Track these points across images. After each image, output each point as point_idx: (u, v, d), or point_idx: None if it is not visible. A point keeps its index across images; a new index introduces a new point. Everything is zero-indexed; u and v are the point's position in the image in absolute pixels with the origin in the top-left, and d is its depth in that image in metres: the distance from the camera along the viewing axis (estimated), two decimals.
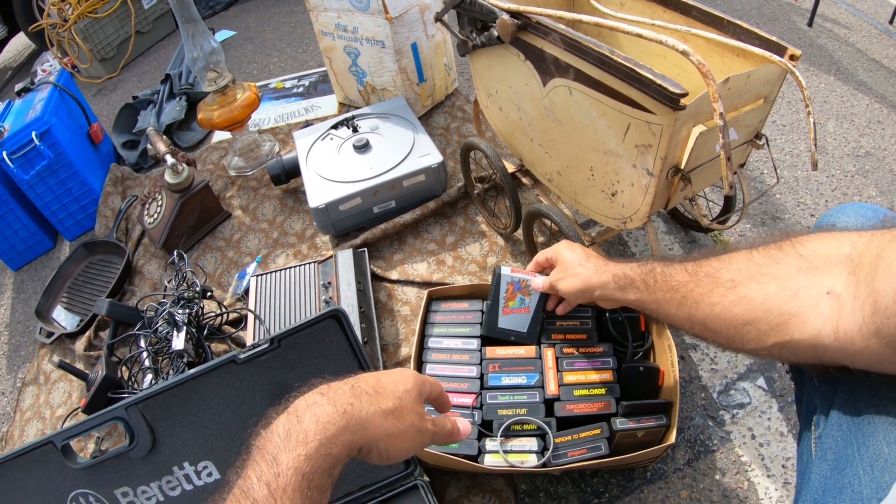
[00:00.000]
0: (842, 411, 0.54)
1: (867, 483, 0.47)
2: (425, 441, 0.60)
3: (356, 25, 1.64)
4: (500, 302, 0.93)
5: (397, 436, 0.56)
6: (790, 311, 0.52)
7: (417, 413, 0.59)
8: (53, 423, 1.29)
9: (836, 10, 2.21)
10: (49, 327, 1.49)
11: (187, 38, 1.56)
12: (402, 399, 0.58)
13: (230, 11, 3.07)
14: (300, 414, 0.52)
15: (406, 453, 0.58)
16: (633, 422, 0.87)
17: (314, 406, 0.53)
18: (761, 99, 0.90)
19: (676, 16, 1.01)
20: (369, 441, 0.54)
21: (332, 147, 1.54)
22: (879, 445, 0.48)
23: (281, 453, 0.49)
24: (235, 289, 1.41)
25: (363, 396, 0.56)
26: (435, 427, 0.62)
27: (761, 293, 0.55)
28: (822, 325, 0.50)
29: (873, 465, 0.47)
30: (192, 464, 0.82)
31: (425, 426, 0.60)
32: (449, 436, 0.64)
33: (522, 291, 0.91)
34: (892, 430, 0.48)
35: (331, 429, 0.51)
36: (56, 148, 1.66)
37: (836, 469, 0.51)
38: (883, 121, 1.65)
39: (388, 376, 0.61)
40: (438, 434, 0.62)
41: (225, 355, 0.79)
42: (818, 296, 0.50)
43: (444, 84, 1.84)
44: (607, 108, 0.87)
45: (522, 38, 0.99)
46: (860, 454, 0.49)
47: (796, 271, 0.53)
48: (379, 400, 0.56)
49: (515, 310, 0.91)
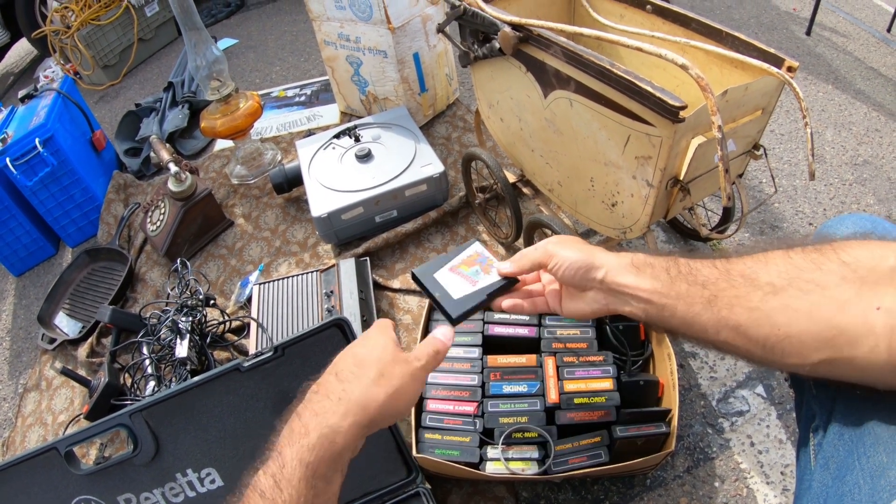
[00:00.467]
0: (842, 420, 0.54)
1: (867, 492, 0.47)
2: (421, 378, 0.61)
3: (359, 35, 1.65)
4: (452, 258, 0.79)
5: (395, 395, 0.57)
6: (838, 326, 0.47)
7: (402, 361, 0.60)
8: (55, 430, 1.30)
9: (835, 19, 2.23)
10: (51, 333, 1.49)
11: (190, 46, 1.57)
12: (382, 359, 0.59)
13: (232, 20, 3.09)
14: (300, 412, 0.55)
15: (410, 403, 0.60)
16: (632, 429, 0.88)
17: (310, 402, 0.56)
18: (759, 110, 0.91)
19: (675, 27, 1.03)
20: (372, 416, 0.55)
21: (334, 156, 1.55)
22: (879, 456, 0.48)
23: (285, 448, 0.52)
24: (238, 297, 1.42)
25: (349, 378, 0.57)
26: (420, 360, 0.62)
27: (806, 302, 0.49)
28: (874, 342, 0.46)
29: (873, 474, 0.47)
30: (196, 471, 0.83)
31: (413, 368, 0.60)
32: (436, 355, 0.64)
33: (483, 267, 0.78)
34: (891, 441, 0.48)
35: (331, 418, 0.53)
36: (59, 155, 1.67)
37: (837, 478, 0.51)
38: (881, 129, 1.66)
39: (361, 345, 0.62)
40: (428, 363, 0.62)
41: (229, 363, 0.80)
42: (867, 310, 0.46)
43: (445, 94, 1.85)
44: (608, 120, 0.88)
45: (524, 51, 1.00)
46: (860, 463, 0.49)
47: (841, 280, 0.48)
48: (364, 373, 0.57)
49: (463, 275, 0.78)
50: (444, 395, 0.98)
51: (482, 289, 0.74)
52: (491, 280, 0.75)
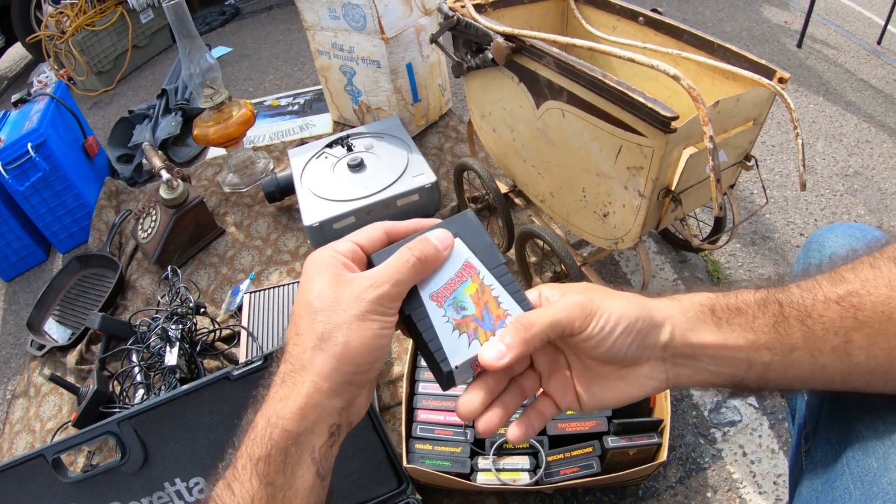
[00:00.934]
0: (831, 425, 0.54)
1: (857, 497, 0.47)
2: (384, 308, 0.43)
3: (352, 45, 1.65)
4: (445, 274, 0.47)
5: (349, 347, 0.42)
6: None
7: (348, 299, 0.43)
8: (43, 437, 1.28)
9: (826, 32, 2.26)
10: (40, 340, 1.48)
11: (185, 53, 1.57)
12: (320, 310, 0.43)
13: (227, 28, 3.10)
14: (248, 412, 0.45)
15: (378, 345, 0.43)
16: (624, 440, 0.88)
17: (258, 394, 0.45)
18: (751, 121, 0.92)
19: (668, 39, 1.03)
20: (332, 386, 0.42)
21: (326, 166, 1.55)
22: (868, 460, 0.47)
23: (240, 446, 0.44)
24: (228, 305, 1.41)
25: (291, 354, 0.44)
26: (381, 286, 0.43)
27: None
28: None
29: (863, 479, 0.47)
30: (184, 480, 0.82)
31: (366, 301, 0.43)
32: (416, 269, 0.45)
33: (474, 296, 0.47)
34: (880, 445, 0.47)
35: (276, 404, 0.42)
36: (51, 160, 1.66)
37: (827, 483, 0.51)
38: (871, 140, 1.67)
39: (297, 301, 0.45)
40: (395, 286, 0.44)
41: (219, 371, 0.79)
42: None
43: (438, 104, 1.86)
44: (599, 131, 0.88)
45: (516, 61, 1.00)
46: (849, 468, 0.49)
47: None
48: (304, 341, 0.43)
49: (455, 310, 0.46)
50: (435, 406, 0.98)
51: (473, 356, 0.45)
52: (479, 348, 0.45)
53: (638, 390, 0.46)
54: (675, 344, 0.45)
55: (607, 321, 0.43)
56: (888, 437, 0.47)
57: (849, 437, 0.50)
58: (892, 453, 0.46)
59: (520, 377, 0.48)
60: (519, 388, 0.48)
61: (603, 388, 0.47)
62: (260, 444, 0.42)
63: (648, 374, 0.46)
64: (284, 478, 0.42)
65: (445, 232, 0.47)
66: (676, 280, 1.30)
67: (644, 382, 0.46)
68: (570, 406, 0.48)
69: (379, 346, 0.43)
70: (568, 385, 0.48)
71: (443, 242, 0.46)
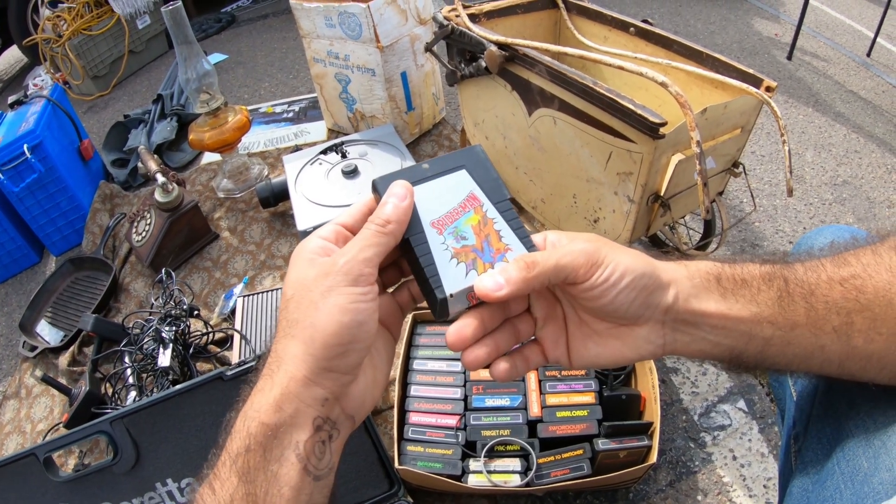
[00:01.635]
0: (821, 425, 0.54)
1: (848, 497, 0.47)
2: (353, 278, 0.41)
3: (348, 53, 1.67)
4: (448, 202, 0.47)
5: (316, 327, 0.40)
6: None
7: (316, 278, 0.42)
8: (34, 438, 1.28)
9: (815, 44, 2.29)
10: (32, 341, 1.48)
11: (181, 59, 1.58)
12: (293, 297, 0.42)
13: (223, 35, 3.11)
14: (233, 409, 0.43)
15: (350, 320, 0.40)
16: (615, 442, 0.89)
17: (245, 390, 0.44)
18: (738, 129, 0.94)
19: (658, 49, 1.05)
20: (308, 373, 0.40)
21: (321, 172, 1.56)
22: (859, 460, 0.48)
23: (222, 443, 0.42)
24: (222, 309, 1.41)
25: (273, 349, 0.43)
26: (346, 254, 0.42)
27: None
28: None
29: (853, 479, 0.47)
30: (176, 480, 0.82)
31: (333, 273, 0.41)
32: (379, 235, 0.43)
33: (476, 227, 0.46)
34: (869, 446, 0.47)
35: (256, 397, 0.41)
36: (47, 162, 1.66)
37: (818, 483, 0.51)
38: (860, 150, 1.70)
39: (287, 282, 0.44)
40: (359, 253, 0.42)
41: (212, 372, 0.80)
42: None
43: (432, 113, 1.88)
44: (590, 137, 0.90)
45: (509, 69, 1.02)
46: (840, 468, 0.49)
47: None
48: (280, 331, 0.42)
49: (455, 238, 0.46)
50: (427, 408, 0.98)
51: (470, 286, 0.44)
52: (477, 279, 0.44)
53: (633, 352, 0.45)
54: (678, 308, 0.44)
55: (613, 272, 0.42)
56: (878, 437, 0.48)
57: (839, 436, 0.51)
58: (883, 453, 0.47)
59: (515, 319, 0.46)
60: (513, 329, 0.46)
61: (597, 344, 0.46)
62: (238, 439, 0.40)
63: (646, 336, 0.45)
64: (265, 474, 0.40)
65: (402, 183, 0.45)
66: None
67: (640, 345, 0.45)
68: (559, 359, 0.47)
69: (352, 324, 0.40)
70: (561, 337, 0.47)
71: (398, 196, 0.44)
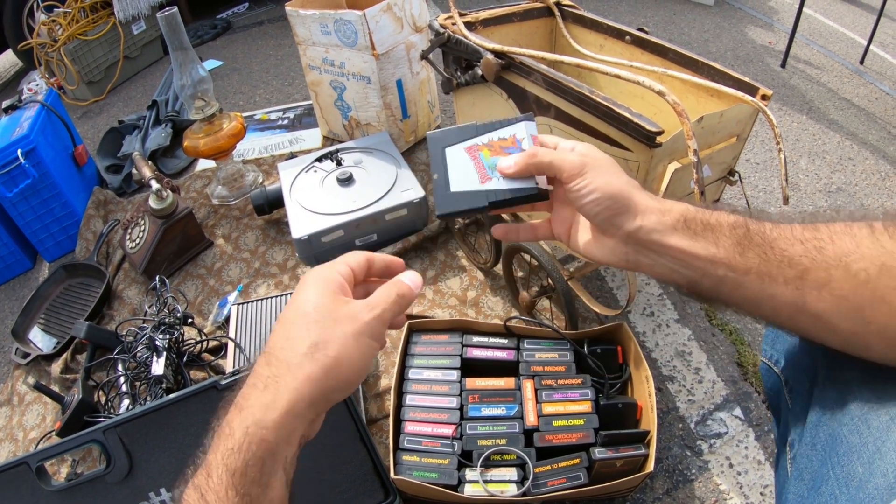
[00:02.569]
0: (815, 431, 0.54)
1: (843, 502, 0.47)
2: (375, 333, 0.49)
3: (343, 60, 1.67)
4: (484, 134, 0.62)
5: (336, 365, 0.46)
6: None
7: (344, 318, 0.48)
8: (26, 446, 1.27)
9: (809, 52, 2.30)
10: (25, 348, 1.46)
11: (177, 65, 1.57)
12: (316, 322, 0.47)
13: (218, 42, 3.11)
14: (219, 413, 0.46)
15: (362, 368, 0.48)
16: (611, 451, 0.88)
17: (240, 394, 0.46)
18: (734, 137, 0.94)
19: (653, 58, 1.05)
20: (312, 400, 0.45)
21: (315, 179, 1.56)
22: (853, 465, 0.48)
23: (211, 453, 0.44)
24: (216, 317, 1.41)
25: (278, 356, 0.46)
26: (375, 310, 0.49)
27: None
28: None
29: (848, 484, 0.47)
30: (169, 490, 0.81)
31: (361, 322, 0.48)
32: (400, 300, 0.52)
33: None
34: (864, 450, 0.48)
35: (256, 412, 0.44)
36: (41, 167, 1.65)
37: (812, 489, 0.51)
38: (854, 157, 1.71)
39: (290, 309, 0.49)
40: (383, 312, 0.50)
41: (206, 381, 0.79)
42: None
43: (427, 121, 1.88)
44: None
45: (505, 78, 1.02)
46: (835, 473, 0.49)
47: None
48: (293, 346, 0.46)
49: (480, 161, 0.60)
50: (423, 418, 0.98)
51: (490, 190, 0.57)
52: (510, 184, 0.58)
53: (602, 256, 0.57)
54: (640, 237, 0.53)
55: (585, 186, 0.54)
56: (873, 442, 0.48)
57: (833, 442, 0.51)
58: (878, 458, 0.47)
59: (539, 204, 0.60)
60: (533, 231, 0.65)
61: (585, 236, 0.59)
62: (238, 455, 0.43)
63: (612, 247, 0.56)
64: (259, 489, 0.43)
65: (415, 273, 0.55)
66: (662, 295, 1.32)
67: (607, 252, 0.57)
68: (560, 236, 0.62)
69: (363, 367, 0.48)
70: (566, 221, 0.61)
71: (414, 282, 0.54)
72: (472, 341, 1.08)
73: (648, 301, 1.31)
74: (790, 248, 0.48)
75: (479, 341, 1.08)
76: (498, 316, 1.31)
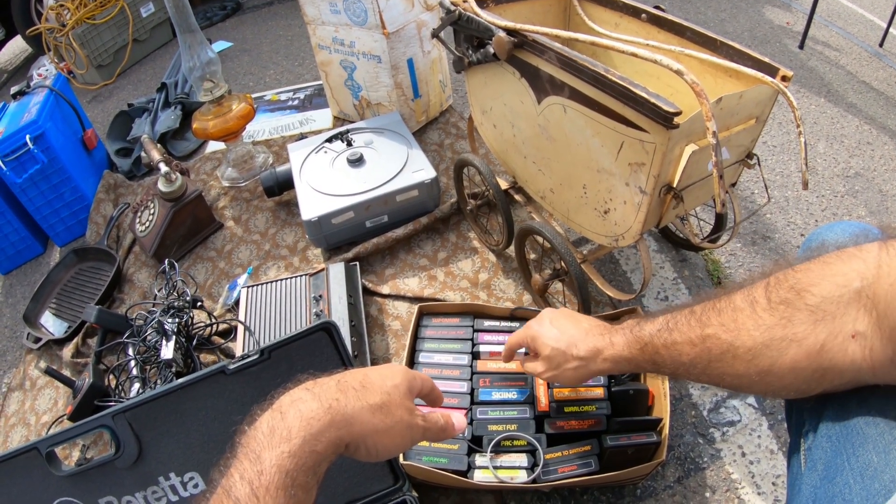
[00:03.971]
0: (831, 422, 0.54)
1: (857, 492, 0.47)
2: (416, 437, 0.59)
3: (353, 40, 1.65)
4: None
5: (385, 432, 0.54)
6: (823, 367, 0.51)
7: (406, 408, 0.58)
8: (38, 430, 1.28)
9: (828, 33, 2.25)
10: (37, 333, 1.47)
11: (185, 47, 1.56)
12: (390, 394, 0.56)
13: (227, 23, 3.09)
14: (284, 410, 0.50)
15: (395, 450, 0.56)
16: (623, 438, 0.87)
17: (298, 402, 0.51)
18: (753, 119, 0.91)
19: (670, 36, 1.03)
20: (356, 437, 0.52)
21: (326, 160, 1.54)
22: (869, 455, 0.48)
23: (264, 451, 0.47)
24: (226, 300, 1.40)
25: (349, 391, 0.54)
26: (426, 423, 0.60)
27: (787, 360, 0.53)
28: (858, 367, 0.49)
29: (863, 474, 0.47)
30: (179, 475, 0.81)
31: (415, 422, 0.58)
32: (441, 431, 0.62)
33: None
34: (880, 440, 0.48)
35: (315, 425, 0.49)
36: (50, 152, 1.65)
37: (826, 479, 0.51)
38: (872, 142, 1.67)
39: (376, 371, 0.59)
40: (430, 430, 0.61)
41: (214, 365, 0.78)
42: (844, 343, 0.49)
43: (438, 100, 1.85)
44: (601, 127, 0.88)
45: (518, 56, 1.00)
46: (850, 464, 0.49)
47: (813, 325, 0.51)
48: (366, 395, 0.55)
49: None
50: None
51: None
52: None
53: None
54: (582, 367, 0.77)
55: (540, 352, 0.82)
56: (889, 432, 0.48)
57: (848, 433, 0.51)
58: (894, 449, 0.47)
59: None
60: None
61: None
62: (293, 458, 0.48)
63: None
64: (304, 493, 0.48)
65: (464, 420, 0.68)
66: (676, 279, 1.30)
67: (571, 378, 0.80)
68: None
69: (390, 451, 0.56)
70: None
71: (459, 425, 0.66)
72: (484, 326, 1.07)
73: (663, 285, 1.29)
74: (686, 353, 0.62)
75: (490, 325, 1.07)
76: (510, 299, 1.29)
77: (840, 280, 0.50)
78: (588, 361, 0.76)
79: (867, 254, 0.50)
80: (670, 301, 1.26)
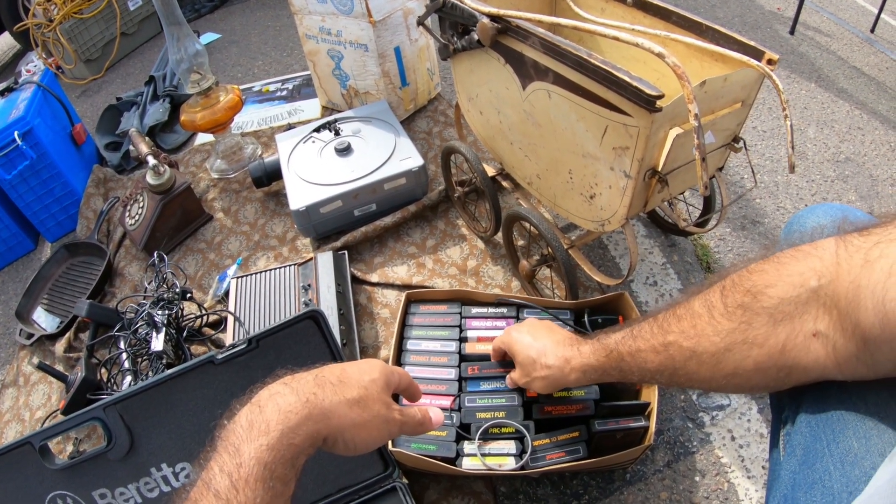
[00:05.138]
0: (810, 408, 0.54)
1: (838, 478, 0.47)
2: (393, 431, 0.60)
3: (340, 29, 1.64)
4: None
5: (363, 426, 0.55)
6: (787, 366, 0.51)
7: (384, 403, 0.59)
8: (33, 425, 1.28)
9: (818, 19, 2.25)
10: (29, 329, 1.47)
11: (172, 40, 1.55)
12: (367, 388, 0.57)
13: (215, 14, 3.06)
14: (262, 404, 0.51)
15: (373, 443, 0.57)
16: (611, 423, 0.87)
17: (276, 396, 0.52)
18: (739, 103, 0.91)
19: (656, 21, 1.02)
20: (333, 431, 0.53)
21: (313, 150, 1.54)
22: (849, 441, 0.48)
23: (243, 444, 0.48)
24: (216, 291, 1.40)
25: (327, 386, 0.55)
26: (403, 417, 0.61)
27: (751, 362, 0.53)
28: (823, 365, 0.49)
29: (843, 460, 0.47)
30: (170, 465, 0.82)
31: (392, 416, 0.59)
32: (419, 425, 0.63)
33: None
34: (860, 426, 0.48)
35: (293, 418, 0.50)
36: (38, 148, 1.65)
37: (806, 464, 0.51)
38: (863, 127, 1.67)
39: (353, 366, 0.60)
40: (407, 423, 0.61)
41: (203, 356, 0.79)
42: (805, 342, 0.49)
43: (426, 88, 1.84)
44: (585, 111, 0.87)
45: (502, 42, 0.99)
46: (830, 450, 0.49)
47: (773, 327, 0.51)
48: (343, 389, 0.55)
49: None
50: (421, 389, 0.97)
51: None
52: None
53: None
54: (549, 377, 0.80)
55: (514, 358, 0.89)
56: (870, 418, 0.48)
57: (829, 419, 0.51)
58: (875, 435, 0.47)
59: None
60: None
61: None
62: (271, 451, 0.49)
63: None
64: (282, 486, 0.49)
65: (442, 414, 0.68)
66: (665, 264, 1.30)
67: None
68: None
69: (367, 445, 0.57)
70: None
71: (437, 420, 0.66)
72: (472, 312, 1.07)
73: (651, 270, 1.29)
74: (651, 361, 0.63)
75: (477, 312, 1.07)
76: (498, 285, 1.30)
77: (796, 280, 0.50)
78: (556, 371, 0.78)
79: (823, 251, 0.49)
80: (659, 286, 1.26)
